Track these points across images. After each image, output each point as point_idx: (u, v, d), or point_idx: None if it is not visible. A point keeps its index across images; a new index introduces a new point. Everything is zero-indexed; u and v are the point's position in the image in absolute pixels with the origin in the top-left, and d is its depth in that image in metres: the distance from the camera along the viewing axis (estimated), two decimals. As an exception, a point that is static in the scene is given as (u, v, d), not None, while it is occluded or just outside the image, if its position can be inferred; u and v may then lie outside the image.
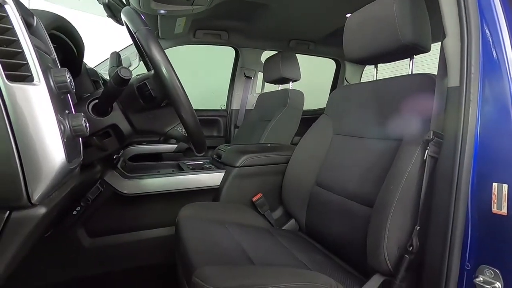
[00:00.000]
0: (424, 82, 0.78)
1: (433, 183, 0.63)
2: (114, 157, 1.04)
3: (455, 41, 0.61)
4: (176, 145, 2.02)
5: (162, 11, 1.27)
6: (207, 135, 2.17)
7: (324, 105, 1.16)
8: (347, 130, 1.00)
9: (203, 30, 1.82)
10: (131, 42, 1.88)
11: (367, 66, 2.64)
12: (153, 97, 0.65)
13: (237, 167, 1.14)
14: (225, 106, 2.27)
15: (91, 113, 0.63)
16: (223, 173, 1.16)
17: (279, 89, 1.89)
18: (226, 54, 2.23)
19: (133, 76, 0.66)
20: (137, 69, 1.70)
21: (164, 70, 0.57)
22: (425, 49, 0.84)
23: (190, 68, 3.42)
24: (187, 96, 0.60)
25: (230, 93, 2.23)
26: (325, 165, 1.03)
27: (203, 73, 3.45)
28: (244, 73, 2.16)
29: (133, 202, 1.05)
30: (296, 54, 1.85)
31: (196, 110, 0.60)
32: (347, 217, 0.88)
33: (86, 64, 0.91)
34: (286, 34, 2.02)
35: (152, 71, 0.64)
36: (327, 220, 0.96)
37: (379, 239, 0.67)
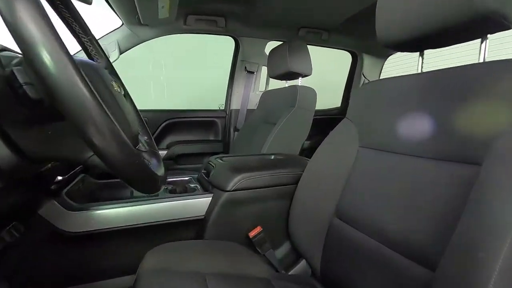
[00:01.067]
0: None
1: None
2: (59, 179, 0.76)
3: None
4: (166, 151, 1.75)
5: (135, -13, 0.99)
6: (203, 139, 1.90)
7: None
8: (380, 142, 0.71)
9: (195, 16, 1.53)
10: (113, 29, 1.61)
11: (386, 60, 2.32)
12: (32, 99, 0.37)
13: (228, 191, 0.86)
14: (223, 106, 2.00)
15: None
16: (210, 199, 0.88)
17: (286, 85, 1.62)
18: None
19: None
20: (115, 63, 1.42)
21: (39, 47, 0.28)
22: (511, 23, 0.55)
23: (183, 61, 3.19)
24: (99, 99, 0.31)
25: (229, 90, 1.96)
26: (348, 190, 0.75)
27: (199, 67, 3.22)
28: (245, 67, 1.89)
29: (81, 243, 0.77)
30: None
31: (190, 110, 0.32)
32: (383, 271, 0.59)
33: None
34: (294, 21, 1.73)
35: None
36: (351, 267, 0.68)
37: None
